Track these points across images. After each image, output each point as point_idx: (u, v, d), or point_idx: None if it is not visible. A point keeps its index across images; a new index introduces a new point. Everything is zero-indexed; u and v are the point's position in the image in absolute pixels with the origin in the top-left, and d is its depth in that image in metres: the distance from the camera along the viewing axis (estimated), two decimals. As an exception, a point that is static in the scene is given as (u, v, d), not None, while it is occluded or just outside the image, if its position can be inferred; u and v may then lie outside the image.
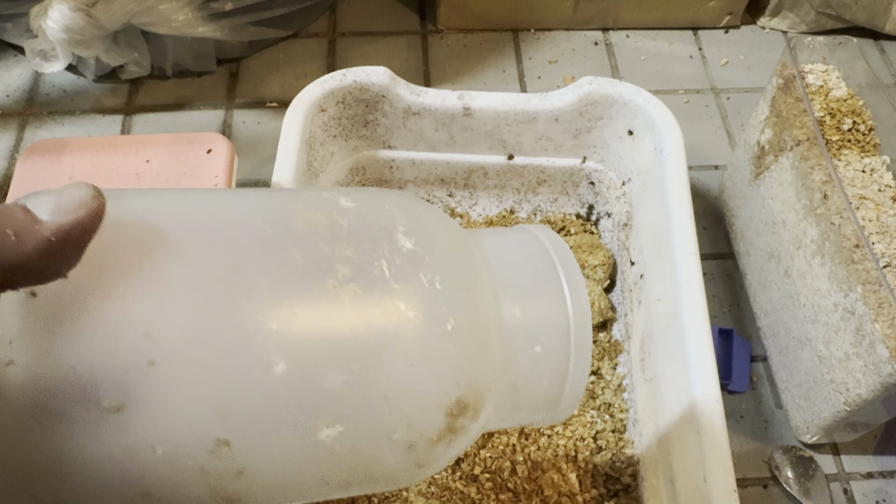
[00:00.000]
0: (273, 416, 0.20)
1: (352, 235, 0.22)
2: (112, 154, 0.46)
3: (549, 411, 0.26)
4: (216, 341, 0.19)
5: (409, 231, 0.22)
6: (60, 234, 0.17)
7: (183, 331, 0.19)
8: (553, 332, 0.24)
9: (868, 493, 0.51)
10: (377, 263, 0.21)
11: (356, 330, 0.20)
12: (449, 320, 0.22)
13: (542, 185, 0.61)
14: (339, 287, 0.21)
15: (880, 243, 0.46)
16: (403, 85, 0.55)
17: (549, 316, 0.24)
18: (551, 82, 0.73)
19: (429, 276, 0.22)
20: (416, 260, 0.22)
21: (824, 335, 0.47)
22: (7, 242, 0.16)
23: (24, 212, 0.17)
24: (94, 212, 0.18)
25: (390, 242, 0.22)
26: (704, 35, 0.77)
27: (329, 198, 0.23)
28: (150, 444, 0.19)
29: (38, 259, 0.17)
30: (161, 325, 0.19)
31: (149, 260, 0.19)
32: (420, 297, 0.21)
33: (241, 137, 0.68)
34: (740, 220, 0.59)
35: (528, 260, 0.25)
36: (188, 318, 0.19)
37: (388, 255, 0.22)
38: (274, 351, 0.19)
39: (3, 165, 0.65)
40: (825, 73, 0.54)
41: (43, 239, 0.17)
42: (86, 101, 0.70)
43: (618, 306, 0.57)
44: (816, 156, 0.48)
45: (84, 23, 0.59)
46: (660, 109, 0.53)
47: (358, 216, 0.22)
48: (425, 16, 0.78)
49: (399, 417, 0.21)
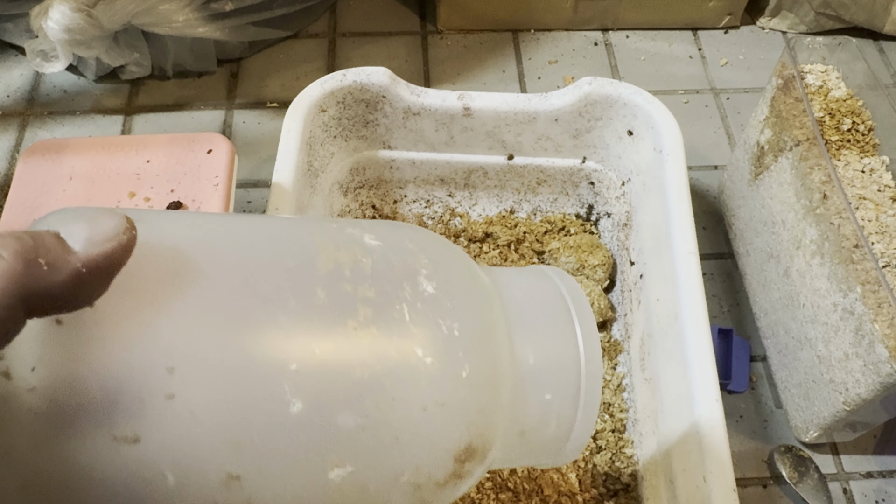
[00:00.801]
0: (286, 453, 0.20)
1: (375, 276, 0.22)
2: (112, 154, 0.46)
3: (553, 455, 0.26)
4: (236, 378, 0.19)
5: (430, 274, 0.23)
6: (91, 265, 0.17)
7: (203, 366, 0.19)
8: (564, 380, 0.24)
9: (867, 492, 0.51)
10: (398, 307, 0.21)
11: (373, 373, 0.21)
12: (464, 367, 0.22)
13: (542, 186, 0.61)
14: (360, 329, 0.21)
15: (880, 243, 0.46)
16: (403, 85, 0.55)
17: (561, 363, 0.24)
18: (551, 83, 0.73)
19: (448, 322, 0.22)
20: (437, 305, 0.22)
21: (824, 335, 0.47)
22: (39, 272, 0.16)
23: (56, 240, 0.17)
24: (125, 244, 0.18)
25: (412, 285, 0.22)
26: (704, 35, 0.77)
27: (354, 234, 0.23)
28: (162, 473, 0.19)
29: (68, 289, 0.17)
30: (182, 359, 0.19)
31: (173, 290, 0.19)
32: (438, 344, 0.22)
33: (241, 137, 0.68)
34: (740, 220, 0.59)
35: (543, 304, 0.25)
36: (209, 353, 0.19)
37: (410, 299, 0.22)
38: (292, 390, 0.20)
39: (4, 165, 0.65)
40: (825, 73, 0.54)
41: (74, 270, 0.17)
42: (86, 101, 0.70)
43: (617, 306, 0.57)
44: (816, 156, 0.48)
45: (85, 23, 0.59)
46: (659, 110, 0.53)
47: (382, 256, 0.23)
48: (425, 16, 0.78)
49: (408, 460, 0.21)
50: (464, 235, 0.61)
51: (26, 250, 0.16)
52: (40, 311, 0.17)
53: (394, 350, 0.21)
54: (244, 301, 0.20)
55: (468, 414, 0.22)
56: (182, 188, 0.44)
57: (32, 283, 0.16)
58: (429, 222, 0.62)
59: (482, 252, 0.60)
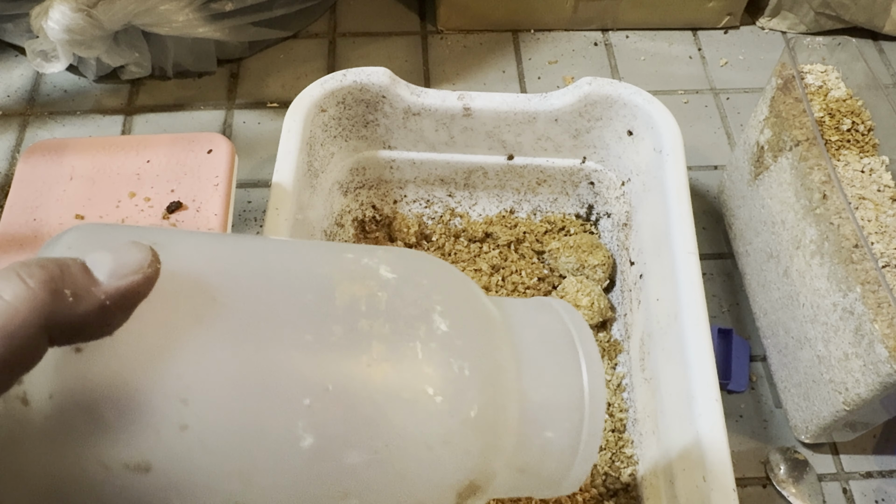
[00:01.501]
0: (294, 486, 0.20)
1: (390, 311, 0.22)
2: (113, 154, 0.46)
3: (552, 488, 0.26)
4: (249, 411, 0.20)
5: (444, 311, 0.23)
6: (115, 297, 0.17)
7: (217, 399, 0.19)
8: (566, 419, 0.24)
9: (867, 492, 0.51)
10: (411, 345, 0.22)
11: (384, 411, 0.21)
12: (473, 407, 0.22)
13: (541, 186, 0.61)
14: (373, 366, 0.21)
15: (879, 243, 0.46)
16: (403, 85, 0.55)
17: (566, 402, 0.24)
18: (551, 83, 0.73)
19: (459, 361, 0.22)
20: (449, 344, 0.22)
21: (823, 335, 0.47)
22: (65, 303, 0.16)
23: (82, 271, 0.17)
24: (148, 277, 0.18)
25: (426, 323, 0.22)
26: (704, 35, 0.78)
27: (370, 265, 0.23)
28: (170, 501, 0.19)
29: (91, 320, 0.17)
30: (197, 391, 0.19)
31: (191, 322, 0.20)
32: (448, 383, 0.22)
33: (241, 138, 0.68)
34: (739, 220, 0.59)
35: (550, 341, 0.25)
36: (224, 386, 0.19)
37: (423, 337, 0.22)
38: (303, 426, 0.20)
39: (5, 166, 0.65)
40: (824, 73, 0.54)
41: (98, 301, 0.17)
42: (87, 101, 0.70)
43: (617, 306, 0.57)
44: (816, 156, 0.48)
45: (85, 23, 0.59)
46: (659, 110, 0.53)
47: (397, 291, 0.23)
48: (425, 16, 0.78)
49: (412, 496, 0.22)
50: (464, 235, 0.61)
51: (53, 280, 0.16)
52: (62, 340, 0.17)
53: (405, 389, 0.21)
54: (261, 335, 0.20)
55: (473, 453, 0.22)
56: (182, 188, 0.44)
57: (57, 314, 0.16)
58: (429, 222, 0.62)
59: (482, 252, 0.60)
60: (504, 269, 0.59)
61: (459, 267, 0.59)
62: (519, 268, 0.59)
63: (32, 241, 0.42)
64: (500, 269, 0.59)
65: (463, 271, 0.59)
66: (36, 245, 0.42)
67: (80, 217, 0.43)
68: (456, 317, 0.23)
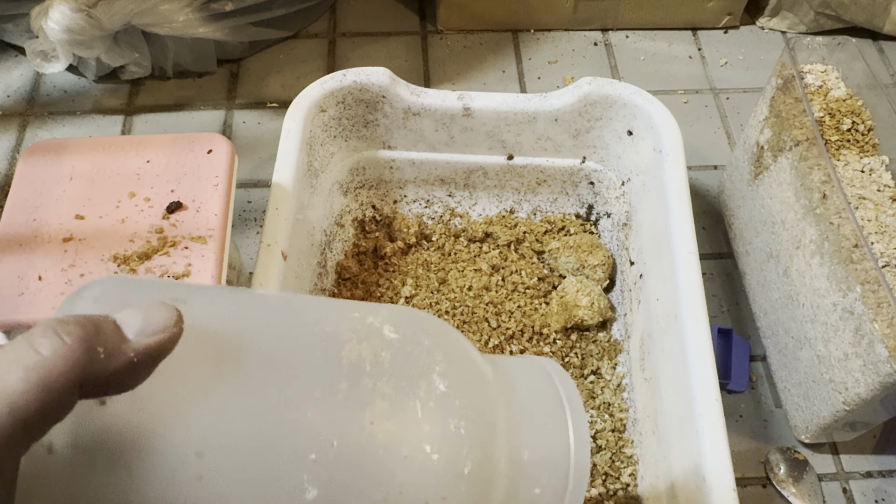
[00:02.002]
0: None
1: (393, 371, 0.23)
2: (113, 154, 0.46)
3: None
4: (259, 464, 0.21)
5: (443, 372, 0.24)
6: (142, 355, 0.18)
7: (231, 452, 0.20)
8: (554, 475, 0.26)
9: (867, 491, 0.51)
10: (412, 404, 0.23)
11: (385, 466, 0.22)
12: (467, 464, 0.23)
13: (541, 185, 0.61)
14: (376, 423, 0.22)
15: (879, 243, 0.46)
16: (403, 85, 0.55)
17: (553, 460, 0.26)
18: (551, 83, 0.73)
19: (456, 421, 0.23)
20: (447, 404, 0.23)
21: (823, 335, 0.47)
22: (97, 359, 0.17)
23: (114, 329, 0.18)
24: (174, 336, 0.19)
25: (427, 383, 0.23)
26: (704, 35, 0.78)
27: (374, 325, 0.24)
28: None
29: (119, 376, 0.18)
30: (212, 444, 0.20)
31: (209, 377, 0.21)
32: (445, 442, 0.23)
33: (241, 138, 0.68)
34: (739, 220, 0.59)
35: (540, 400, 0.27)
36: (237, 439, 0.21)
37: (423, 397, 0.23)
38: (308, 479, 0.21)
39: (4, 166, 0.65)
40: (824, 73, 0.54)
41: (127, 358, 0.18)
42: (86, 101, 0.70)
43: (617, 306, 0.57)
44: (815, 156, 0.48)
45: (85, 23, 0.59)
46: (659, 110, 0.53)
47: (400, 350, 0.24)
48: (425, 16, 0.78)
49: None
50: (464, 235, 0.61)
51: (88, 338, 0.17)
52: (91, 393, 0.18)
53: (405, 445, 0.22)
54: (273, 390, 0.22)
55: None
56: (182, 188, 0.44)
57: (90, 369, 0.17)
58: (429, 222, 0.62)
59: (482, 252, 0.60)
60: (504, 269, 0.59)
61: (459, 267, 0.59)
62: (519, 268, 0.59)
63: (32, 241, 0.42)
64: (500, 269, 0.59)
65: (463, 271, 0.59)
66: (36, 245, 0.42)
67: (80, 217, 0.43)
68: (454, 377, 0.24)
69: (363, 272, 0.58)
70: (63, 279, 0.41)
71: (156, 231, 0.43)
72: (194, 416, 0.20)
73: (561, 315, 0.55)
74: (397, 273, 0.59)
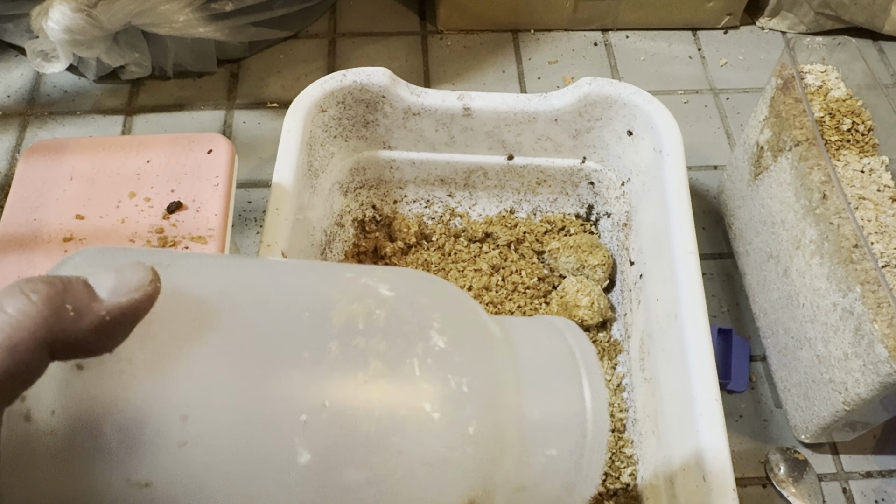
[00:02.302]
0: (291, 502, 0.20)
1: (387, 329, 0.22)
2: (113, 154, 0.46)
3: None
4: (246, 427, 0.20)
5: (442, 328, 0.23)
6: (115, 313, 0.18)
7: (216, 415, 0.20)
8: (569, 436, 0.24)
9: (867, 492, 0.51)
10: (408, 361, 0.21)
11: (381, 427, 0.21)
12: (471, 423, 0.22)
13: (541, 186, 0.61)
14: (370, 382, 0.21)
15: (879, 243, 0.46)
16: (403, 85, 0.55)
17: (567, 418, 0.24)
18: (551, 83, 0.73)
19: (457, 378, 0.22)
20: (447, 360, 0.22)
21: (823, 335, 0.47)
22: (66, 318, 0.17)
23: (84, 287, 0.18)
24: (148, 295, 0.19)
25: (424, 340, 0.22)
26: (703, 35, 0.78)
27: (369, 284, 0.23)
28: None
29: (91, 335, 0.18)
30: (196, 408, 0.19)
31: (190, 340, 0.20)
32: (446, 400, 0.22)
33: (241, 138, 0.68)
34: (739, 220, 0.59)
35: (552, 359, 0.25)
36: (222, 402, 0.20)
37: (421, 354, 0.22)
38: (300, 442, 0.20)
39: (5, 166, 0.65)
40: (824, 73, 0.54)
41: (98, 317, 0.18)
42: (87, 101, 0.70)
43: (617, 306, 0.57)
44: (815, 156, 0.48)
45: (85, 23, 0.59)
46: (659, 110, 0.53)
47: (395, 309, 0.23)
48: (425, 16, 0.78)
49: None
50: (464, 235, 0.61)
51: (56, 295, 0.17)
52: (63, 355, 0.17)
53: (402, 405, 0.21)
54: (258, 352, 0.21)
55: (472, 470, 0.22)
56: (182, 188, 0.44)
57: (58, 328, 0.17)
58: (429, 222, 0.62)
59: (482, 252, 0.60)
60: (504, 269, 0.59)
61: (459, 267, 0.59)
62: (519, 268, 0.59)
63: (32, 241, 0.42)
64: (500, 269, 0.59)
65: (463, 271, 0.59)
66: (36, 245, 0.42)
67: (80, 217, 0.43)
68: (454, 333, 0.23)
69: (363, 272, 0.58)
70: (63, 279, 0.41)
71: (156, 231, 0.43)
72: (176, 378, 0.19)
73: (561, 315, 0.55)
74: (397, 273, 0.59)
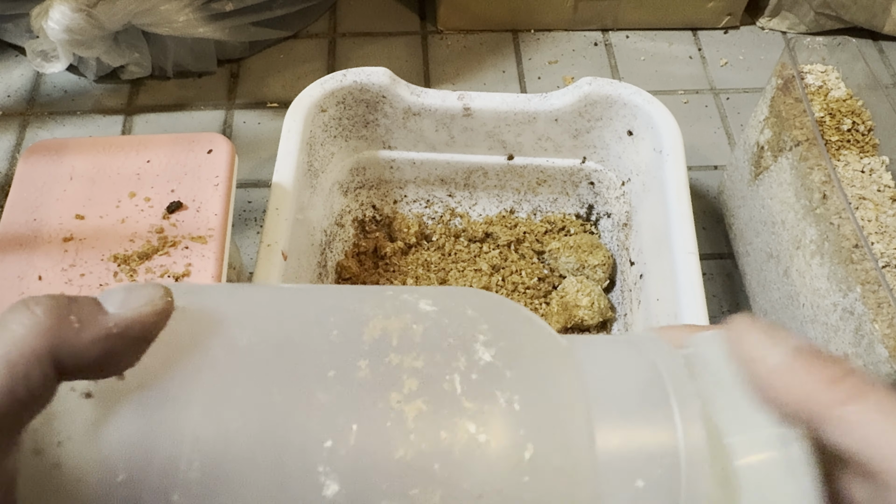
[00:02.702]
0: None
1: (425, 344, 0.20)
2: (113, 154, 0.46)
3: None
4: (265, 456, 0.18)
5: (489, 341, 0.20)
6: (121, 326, 0.17)
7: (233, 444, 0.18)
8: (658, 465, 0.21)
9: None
10: (448, 377, 0.19)
11: (418, 452, 0.18)
12: (527, 447, 0.19)
13: (542, 186, 0.61)
14: (404, 403, 0.19)
15: (879, 243, 0.46)
16: (403, 85, 0.55)
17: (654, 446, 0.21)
18: (551, 83, 0.73)
19: (507, 394, 0.19)
20: (494, 375, 0.19)
21: (823, 335, 0.47)
22: (69, 329, 0.16)
23: (92, 302, 0.17)
24: (159, 311, 0.18)
25: (467, 354, 0.20)
26: (704, 35, 0.78)
27: (409, 300, 0.21)
28: None
29: (96, 350, 0.17)
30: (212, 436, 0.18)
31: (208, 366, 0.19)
32: (494, 419, 0.19)
33: (241, 138, 0.68)
34: (739, 220, 0.59)
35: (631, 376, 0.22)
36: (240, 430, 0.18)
37: (463, 369, 0.19)
38: (326, 471, 0.18)
39: (5, 166, 0.65)
40: (824, 73, 0.54)
41: (103, 329, 0.17)
42: (87, 101, 0.70)
43: (617, 306, 0.57)
44: (816, 156, 0.48)
45: (85, 23, 0.59)
46: (659, 110, 0.53)
47: (435, 323, 0.20)
48: (425, 16, 0.78)
49: None
50: (464, 235, 0.61)
51: (60, 307, 0.16)
52: (70, 373, 0.17)
53: (442, 427, 0.19)
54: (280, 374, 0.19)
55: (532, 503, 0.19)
56: (182, 188, 0.44)
57: (61, 340, 0.16)
58: (429, 222, 0.62)
59: (482, 252, 0.60)
60: (504, 269, 0.59)
61: (459, 267, 0.59)
62: (519, 268, 0.59)
63: (32, 241, 0.42)
64: (501, 269, 0.59)
65: (463, 271, 0.59)
66: (36, 245, 0.42)
67: (80, 217, 0.43)
68: (505, 346, 0.20)
69: (363, 272, 0.58)
70: (63, 279, 0.41)
71: (156, 231, 0.43)
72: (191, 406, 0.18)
73: (561, 315, 0.55)
74: (397, 273, 0.59)
